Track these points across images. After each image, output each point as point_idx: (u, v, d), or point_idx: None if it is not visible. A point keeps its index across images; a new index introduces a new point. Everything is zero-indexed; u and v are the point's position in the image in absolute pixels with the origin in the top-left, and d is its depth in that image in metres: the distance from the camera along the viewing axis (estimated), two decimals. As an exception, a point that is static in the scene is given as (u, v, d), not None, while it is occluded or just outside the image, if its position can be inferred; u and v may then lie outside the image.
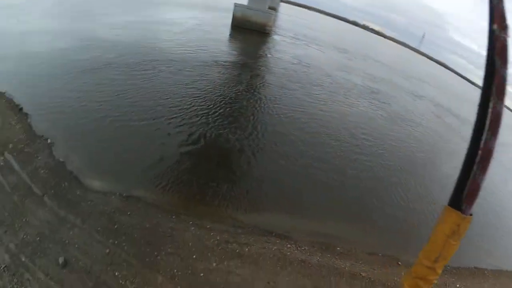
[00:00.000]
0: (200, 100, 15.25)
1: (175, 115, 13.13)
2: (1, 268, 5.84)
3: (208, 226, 8.22)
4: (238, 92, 17.75)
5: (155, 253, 7.04)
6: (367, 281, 7.93)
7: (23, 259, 6.09)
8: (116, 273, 6.33)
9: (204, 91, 16.48)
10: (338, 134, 15.73)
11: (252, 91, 18.56)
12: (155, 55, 19.73)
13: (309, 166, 12.19)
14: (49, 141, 9.62)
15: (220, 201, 9.34)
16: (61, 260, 6.21)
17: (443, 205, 1.76)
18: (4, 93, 11.38)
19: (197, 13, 39.88)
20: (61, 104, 11.63)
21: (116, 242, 7.08)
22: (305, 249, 8.30)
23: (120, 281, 6.19)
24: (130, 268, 6.52)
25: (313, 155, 13.04)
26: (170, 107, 13.70)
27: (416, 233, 10.34)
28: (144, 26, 26.97)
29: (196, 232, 7.95)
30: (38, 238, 6.63)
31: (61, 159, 9.13)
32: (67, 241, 6.75)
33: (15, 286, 5.59)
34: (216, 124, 13.45)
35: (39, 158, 8.83)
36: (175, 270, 6.69)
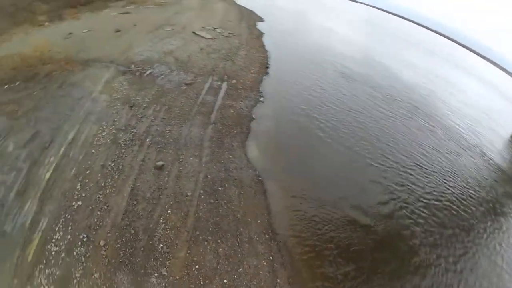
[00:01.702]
0: (424, 173, 10.76)
1: (381, 164, 10.01)
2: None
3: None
4: (478, 204, 11.22)
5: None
6: None
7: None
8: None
9: (440, 168, 11.64)
10: None
11: (491, 208, 11.21)
12: (419, 103, 16.85)
13: None
14: (261, 99, 10.12)
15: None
16: (160, 163, 6.14)
17: None
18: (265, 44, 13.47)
19: (494, 96, 31.45)
20: (296, 84, 12.22)
21: (212, 201, 6.14)
22: None
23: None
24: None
25: None
26: (385, 155, 10.56)
27: None
28: (426, 74, 24.80)
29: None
30: (172, 141, 6.85)
31: (253, 116, 9.33)
32: (182, 158, 6.59)
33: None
34: (418, 211, 8.99)
35: (241, 102, 9.45)
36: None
